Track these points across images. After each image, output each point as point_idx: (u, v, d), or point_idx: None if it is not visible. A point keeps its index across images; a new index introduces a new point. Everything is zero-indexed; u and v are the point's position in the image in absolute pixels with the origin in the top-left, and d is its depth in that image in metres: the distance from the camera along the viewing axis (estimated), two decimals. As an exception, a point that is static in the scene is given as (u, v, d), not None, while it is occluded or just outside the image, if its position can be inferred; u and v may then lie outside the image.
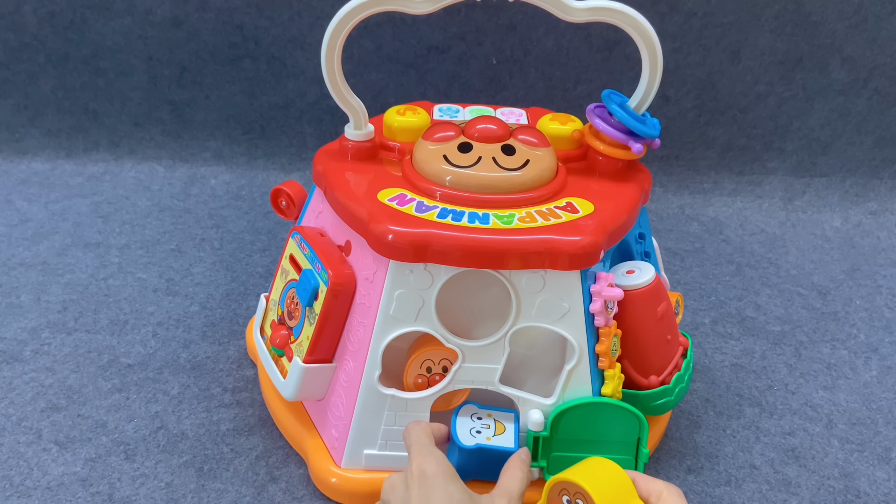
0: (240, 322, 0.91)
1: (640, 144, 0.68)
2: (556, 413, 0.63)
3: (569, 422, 0.63)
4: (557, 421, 0.63)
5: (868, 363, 0.91)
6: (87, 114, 1.25)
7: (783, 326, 0.97)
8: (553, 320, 0.63)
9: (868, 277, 1.09)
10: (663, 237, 1.16)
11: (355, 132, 0.70)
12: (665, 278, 0.75)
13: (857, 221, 1.22)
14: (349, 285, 0.64)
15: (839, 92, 1.21)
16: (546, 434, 0.63)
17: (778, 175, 1.26)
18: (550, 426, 0.63)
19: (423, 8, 0.64)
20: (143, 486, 0.69)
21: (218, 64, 1.21)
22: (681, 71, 1.19)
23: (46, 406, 0.77)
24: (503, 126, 0.68)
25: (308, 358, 0.65)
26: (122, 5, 1.17)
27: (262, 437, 0.74)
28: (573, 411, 0.63)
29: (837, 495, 0.72)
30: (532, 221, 0.62)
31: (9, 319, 0.89)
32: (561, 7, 0.64)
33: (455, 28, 1.17)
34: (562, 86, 1.21)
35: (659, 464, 0.75)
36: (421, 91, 1.21)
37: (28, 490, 0.68)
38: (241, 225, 1.12)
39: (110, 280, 0.97)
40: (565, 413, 0.63)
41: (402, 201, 0.64)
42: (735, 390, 0.85)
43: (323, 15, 1.17)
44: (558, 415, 0.63)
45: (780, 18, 1.16)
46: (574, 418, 0.63)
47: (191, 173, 1.24)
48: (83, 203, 1.15)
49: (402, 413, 0.65)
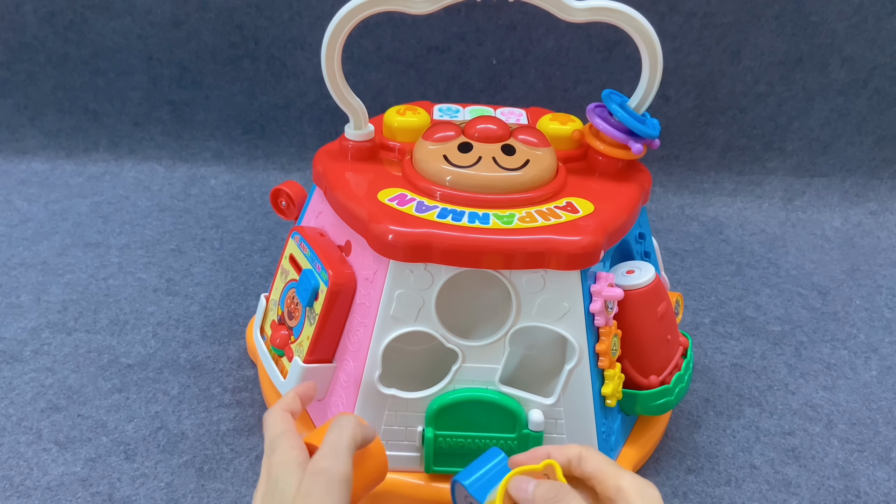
0: (240, 322, 0.91)
1: (640, 144, 0.68)
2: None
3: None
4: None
5: (868, 363, 0.91)
6: (87, 114, 1.25)
7: (783, 326, 0.97)
8: (553, 320, 0.63)
9: (868, 277, 1.09)
10: (663, 237, 1.16)
11: (355, 132, 0.70)
12: (665, 278, 0.75)
13: (857, 221, 1.22)
14: (349, 285, 0.64)
15: (839, 92, 1.21)
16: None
17: (778, 175, 1.26)
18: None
19: (423, 8, 0.64)
20: (143, 486, 0.69)
21: (218, 64, 1.21)
22: (681, 71, 1.19)
23: (46, 406, 0.77)
24: (503, 126, 0.68)
25: (308, 358, 0.65)
26: (122, 5, 1.17)
27: (262, 437, 0.74)
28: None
29: (837, 495, 0.72)
30: (532, 221, 0.62)
31: (9, 319, 0.89)
32: (561, 7, 0.64)
33: (455, 28, 1.17)
34: (562, 86, 1.21)
35: (659, 464, 0.75)
36: (421, 91, 1.21)
37: (28, 490, 0.68)
38: (241, 225, 1.12)
39: (110, 280, 0.97)
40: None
41: (402, 201, 0.64)
42: (735, 390, 0.85)
43: (323, 15, 1.17)
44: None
45: (780, 18, 1.16)
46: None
47: (191, 173, 1.24)
48: (83, 203, 1.15)
49: (403, 413, 0.65)
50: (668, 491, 0.72)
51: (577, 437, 0.66)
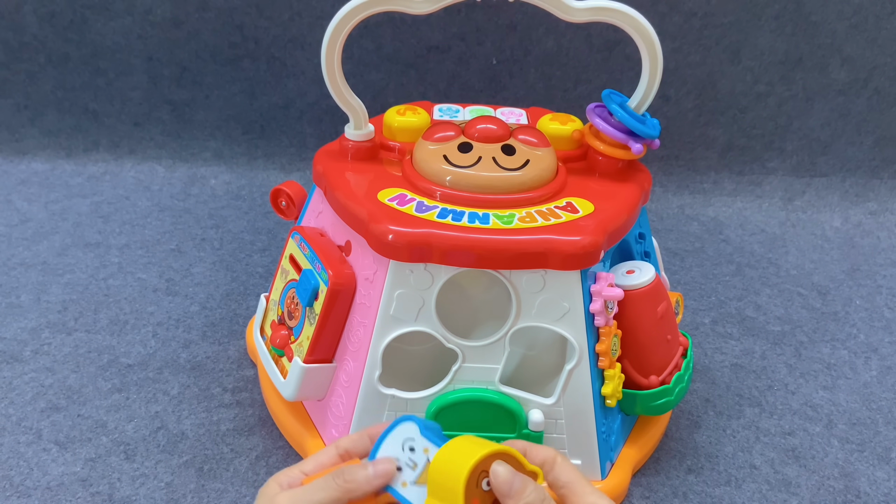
0: (240, 322, 0.91)
1: (640, 144, 0.68)
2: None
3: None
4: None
5: (868, 363, 0.91)
6: (87, 114, 1.25)
7: (783, 326, 0.97)
8: (553, 320, 0.63)
9: (868, 277, 1.09)
10: (663, 237, 1.16)
11: (355, 132, 0.70)
12: (665, 278, 0.75)
13: (857, 221, 1.22)
14: (349, 285, 0.64)
15: (839, 92, 1.21)
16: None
17: (778, 175, 1.26)
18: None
19: (423, 8, 0.64)
20: (143, 486, 0.69)
21: (218, 64, 1.21)
22: (681, 71, 1.19)
23: (46, 406, 0.77)
24: (503, 126, 0.68)
25: (308, 358, 0.65)
26: (122, 5, 1.17)
27: (262, 437, 0.74)
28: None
29: (837, 495, 0.72)
30: (532, 221, 0.62)
31: (9, 319, 0.89)
32: (561, 7, 0.64)
33: (455, 28, 1.17)
34: (562, 86, 1.21)
35: (659, 464, 0.75)
36: (421, 91, 1.21)
37: (28, 490, 0.68)
38: (241, 225, 1.12)
39: (110, 280, 0.97)
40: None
41: (402, 201, 0.64)
42: (735, 390, 0.85)
43: (323, 15, 1.17)
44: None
45: (780, 18, 1.16)
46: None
47: (191, 173, 1.24)
48: (83, 203, 1.15)
49: (403, 413, 0.65)
50: (668, 491, 0.72)
51: (577, 437, 0.66)
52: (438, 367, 0.65)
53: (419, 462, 0.49)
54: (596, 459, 0.67)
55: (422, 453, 0.49)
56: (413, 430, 0.49)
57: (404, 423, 0.50)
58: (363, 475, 0.48)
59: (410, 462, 0.49)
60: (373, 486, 0.48)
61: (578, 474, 0.50)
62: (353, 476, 0.48)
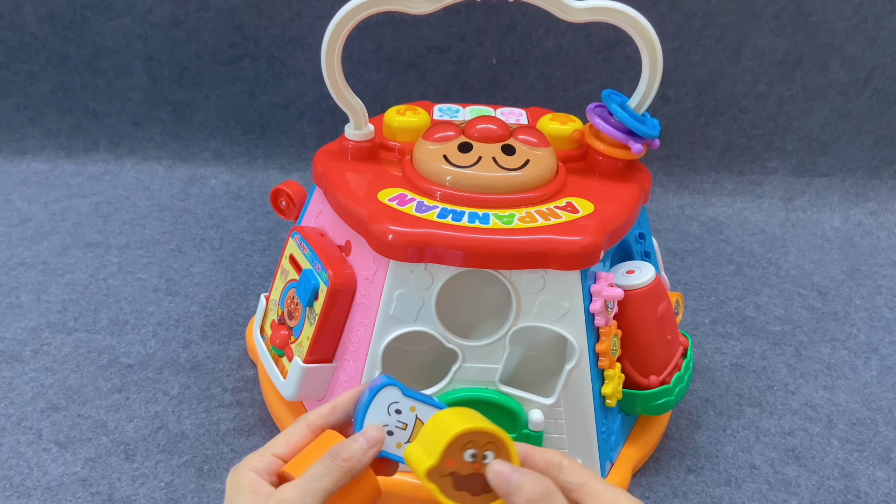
0: (240, 322, 0.91)
1: (640, 144, 0.68)
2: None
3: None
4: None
5: (868, 363, 0.91)
6: (87, 114, 1.25)
7: (783, 326, 0.97)
8: (553, 320, 0.63)
9: (868, 277, 1.09)
10: (663, 237, 1.16)
11: (355, 132, 0.70)
12: (665, 278, 0.75)
13: (857, 221, 1.22)
14: (349, 285, 0.64)
15: (839, 92, 1.21)
16: None
17: (778, 175, 1.26)
18: None
19: (423, 8, 0.64)
20: (143, 486, 0.69)
21: (218, 64, 1.21)
22: (681, 71, 1.19)
23: (46, 406, 0.77)
24: (503, 126, 0.68)
25: (308, 358, 0.65)
26: (122, 5, 1.17)
27: (262, 437, 0.74)
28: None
29: (837, 495, 0.72)
30: (532, 221, 0.62)
31: (9, 319, 0.89)
32: (561, 7, 0.64)
33: (455, 28, 1.17)
34: (562, 86, 1.21)
35: (659, 464, 0.75)
36: (421, 91, 1.21)
37: (28, 490, 0.68)
38: (241, 225, 1.12)
39: (110, 280, 0.97)
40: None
41: (402, 201, 0.64)
42: (735, 390, 0.85)
43: (323, 15, 1.16)
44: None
45: (780, 18, 1.16)
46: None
47: (191, 173, 1.24)
48: (83, 203, 1.15)
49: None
50: (668, 491, 0.72)
51: (577, 437, 0.66)
52: (438, 367, 0.65)
53: (408, 421, 0.49)
54: (596, 459, 0.67)
55: (409, 412, 0.49)
56: (395, 393, 0.49)
57: (385, 389, 0.50)
58: (357, 448, 0.48)
59: (400, 424, 0.49)
60: (369, 456, 0.48)
61: (590, 474, 0.47)
62: (348, 452, 0.47)
